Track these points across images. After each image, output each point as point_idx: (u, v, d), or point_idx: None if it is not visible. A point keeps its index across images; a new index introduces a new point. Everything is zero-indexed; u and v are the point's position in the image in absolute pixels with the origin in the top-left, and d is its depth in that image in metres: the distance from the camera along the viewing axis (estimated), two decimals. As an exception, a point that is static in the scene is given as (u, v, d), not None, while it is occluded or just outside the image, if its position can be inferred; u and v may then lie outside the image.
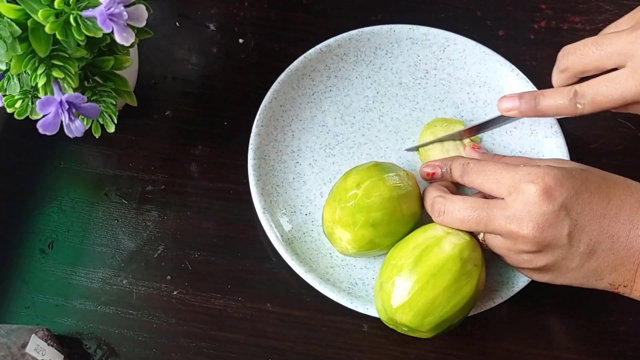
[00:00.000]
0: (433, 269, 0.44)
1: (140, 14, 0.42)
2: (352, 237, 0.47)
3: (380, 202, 0.47)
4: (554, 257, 0.43)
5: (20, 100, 0.45)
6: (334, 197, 0.49)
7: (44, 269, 0.53)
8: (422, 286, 0.43)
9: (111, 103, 0.47)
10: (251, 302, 0.52)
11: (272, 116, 0.55)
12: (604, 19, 0.61)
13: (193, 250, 0.53)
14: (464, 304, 0.44)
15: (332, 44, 0.57)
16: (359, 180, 0.48)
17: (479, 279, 0.45)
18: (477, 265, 0.45)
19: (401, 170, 0.50)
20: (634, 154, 0.57)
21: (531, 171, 0.43)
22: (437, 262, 0.44)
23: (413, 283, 0.44)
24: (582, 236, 0.42)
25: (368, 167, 0.49)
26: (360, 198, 0.47)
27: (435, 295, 0.43)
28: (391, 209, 0.47)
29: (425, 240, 0.45)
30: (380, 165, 0.49)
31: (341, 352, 0.51)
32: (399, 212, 0.48)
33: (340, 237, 0.48)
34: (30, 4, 0.40)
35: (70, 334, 0.51)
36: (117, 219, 0.55)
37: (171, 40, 0.61)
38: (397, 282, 0.44)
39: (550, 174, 0.42)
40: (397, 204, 0.48)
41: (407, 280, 0.44)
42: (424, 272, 0.44)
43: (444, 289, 0.43)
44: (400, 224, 0.48)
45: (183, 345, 0.51)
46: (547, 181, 0.42)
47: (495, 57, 0.57)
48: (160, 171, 0.56)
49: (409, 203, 0.48)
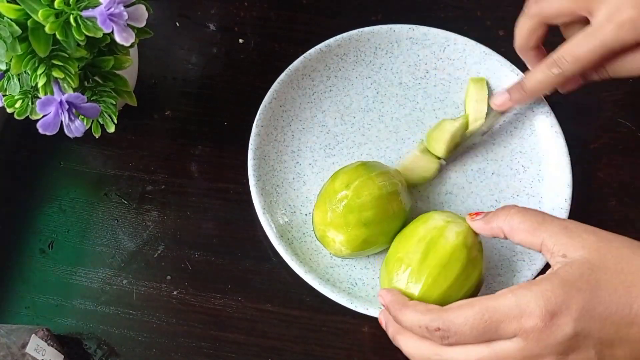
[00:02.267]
0: (442, 260, 0.44)
1: (140, 14, 0.42)
2: (346, 238, 0.47)
3: (371, 200, 0.47)
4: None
5: (20, 100, 0.45)
6: (324, 200, 0.49)
7: (44, 269, 0.53)
8: (435, 279, 0.43)
9: (111, 103, 0.47)
10: (251, 302, 0.52)
11: (272, 116, 0.55)
12: (604, 19, 0.61)
13: (193, 250, 0.53)
14: (472, 291, 0.45)
15: (332, 44, 0.57)
16: (348, 181, 0.48)
17: (482, 264, 0.45)
18: (480, 250, 0.45)
19: (388, 167, 0.50)
20: (634, 154, 0.57)
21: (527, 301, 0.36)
22: (445, 254, 0.44)
23: (425, 277, 0.44)
24: (614, 351, 0.36)
25: (355, 167, 0.49)
26: (350, 198, 0.47)
27: (447, 286, 0.43)
28: (382, 207, 0.47)
29: (428, 232, 0.45)
30: (367, 164, 0.50)
31: (341, 352, 0.51)
32: (390, 209, 0.48)
33: (334, 239, 0.48)
34: (30, 4, 0.40)
35: (70, 334, 0.51)
36: (117, 219, 0.55)
37: (171, 40, 0.61)
38: (409, 277, 0.44)
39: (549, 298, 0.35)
40: (387, 202, 0.48)
41: (418, 275, 0.44)
42: (434, 264, 0.44)
43: (455, 278, 0.44)
44: (392, 221, 0.48)
45: (183, 345, 0.51)
46: (550, 308, 0.35)
47: (495, 57, 0.57)
48: (160, 171, 0.56)
49: (399, 199, 0.49)
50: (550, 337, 0.35)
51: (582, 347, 0.36)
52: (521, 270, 0.51)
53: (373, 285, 0.51)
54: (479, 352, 0.37)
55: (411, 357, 0.41)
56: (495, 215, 0.43)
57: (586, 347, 0.36)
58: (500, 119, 0.56)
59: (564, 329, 0.35)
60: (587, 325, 0.35)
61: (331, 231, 0.48)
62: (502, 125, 0.56)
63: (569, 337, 0.35)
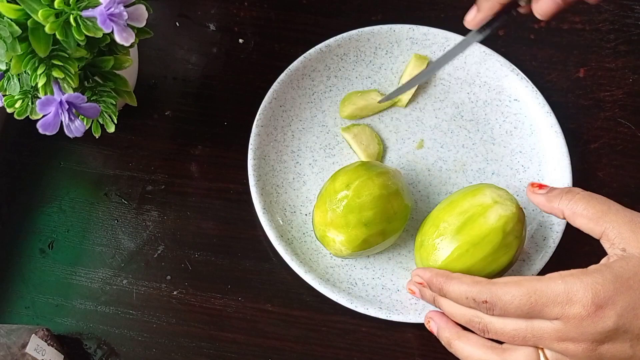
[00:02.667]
0: (475, 238, 0.44)
1: (140, 14, 0.42)
2: (346, 238, 0.47)
3: (372, 200, 0.47)
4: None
5: (20, 100, 0.45)
6: (324, 200, 0.49)
7: (44, 269, 0.53)
8: (462, 254, 0.44)
9: (111, 103, 0.47)
10: (251, 302, 0.52)
11: (272, 116, 0.55)
12: (604, 19, 0.61)
13: (193, 250, 0.53)
14: (498, 272, 0.45)
15: (332, 44, 0.57)
16: (348, 181, 0.48)
17: (517, 250, 0.46)
18: (518, 237, 0.46)
19: (388, 167, 0.50)
20: (634, 154, 0.57)
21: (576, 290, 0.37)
22: (479, 233, 0.44)
23: (454, 249, 0.45)
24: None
25: (355, 167, 0.49)
26: (351, 198, 0.47)
27: (472, 263, 0.44)
28: (382, 207, 0.47)
29: (472, 207, 0.46)
30: (367, 164, 0.50)
31: (341, 352, 0.51)
32: (390, 209, 0.48)
33: (334, 240, 0.48)
34: (30, 4, 0.40)
35: (70, 334, 0.51)
36: (117, 219, 0.55)
37: (171, 40, 0.61)
38: (439, 245, 0.45)
39: (599, 292, 0.36)
40: (388, 202, 0.48)
41: (448, 245, 0.45)
42: (466, 240, 0.44)
43: (481, 259, 0.44)
44: (392, 221, 0.48)
45: (183, 345, 0.51)
46: (597, 302, 0.36)
47: (495, 57, 0.57)
48: (160, 171, 0.56)
49: (399, 199, 0.49)
50: (590, 326, 0.36)
51: (618, 340, 0.37)
52: (520, 272, 0.51)
53: (373, 286, 0.51)
54: (517, 325, 0.39)
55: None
56: (558, 196, 0.43)
57: (622, 341, 0.37)
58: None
59: (606, 321, 0.36)
60: (629, 321, 0.36)
61: (331, 231, 0.48)
62: (502, 126, 0.56)
63: (609, 329, 0.36)
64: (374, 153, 0.55)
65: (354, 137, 0.55)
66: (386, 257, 0.52)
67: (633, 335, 0.37)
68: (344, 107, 0.56)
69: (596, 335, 0.37)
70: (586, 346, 0.37)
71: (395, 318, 0.49)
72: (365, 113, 0.56)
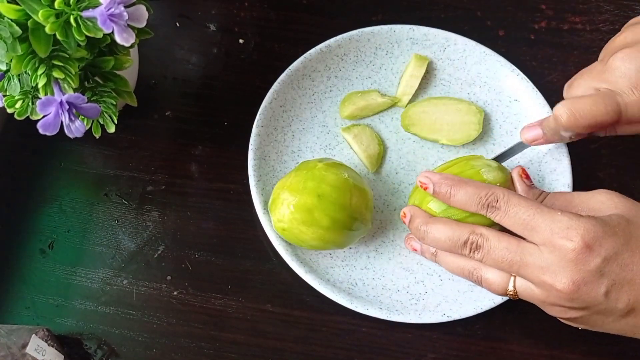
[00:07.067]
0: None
1: (140, 14, 0.42)
2: (297, 201, 0.47)
3: (336, 179, 0.48)
4: (590, 312, 0.41)
5: (21, 100, 0.45)
6: (295, 169, 0.50)
7: (44, 269, 0.53)
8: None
9: (111, 103, 0.47)
10: (251, 302, 0.52)
11: (272, 116, 0.55)
12: (604, 19, 0.61)
13: (193, 250, 0.53)
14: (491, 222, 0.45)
15: (332, 44, 0.57)
16: (325, 160, 0.50)
17: None
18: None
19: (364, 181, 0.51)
20: (634, 154, 0.57)
21: (570, 225, 0.40)
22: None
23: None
24: (620, 295, 0.40)
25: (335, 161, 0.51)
26: (318, 169, 0.48)
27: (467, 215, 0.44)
28: (342, 190, 0.48)
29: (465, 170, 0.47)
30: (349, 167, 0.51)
31: (341, 352, 0.51)
32: (348, 199, 0.48)
33: (283, 202, 0.48)
34: (30, 4, 0.40)
35: (71, 334, 0.51)
36: (117, 219, 0.55)
37: (171, 40, 0.61)
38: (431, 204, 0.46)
39: (590, 231, 0.39)
40: (349, 191, 0.48)
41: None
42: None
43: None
44: (343, 211, 0.47)
45: (183, 346, 0.51)
46: (587, 240, 0.39)
47: (495, 57, 0.57)
48: (161, 171, 0.56)
49: (360, 198, 0.48)
50: (571, 261, 0.39)
51: (595, 282, 0.39)
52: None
53: (373, 286, 0.51)
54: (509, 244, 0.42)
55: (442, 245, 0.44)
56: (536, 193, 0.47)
57: (599, 283, 0.39)
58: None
59: (589, 262, 0.39)
60: (609, 266, 0.39)
61: (285, 193, 0.48)
62: (502, 126, 0.56)
63: (589, 270, 0.39)
64: (374, 153, 0.55)
65: (355, 137, 0.55)
66: (386, 258, 0.53)
67: (609, 281, 0.39)
68: (344, 108, 0.56)
69: (575, 272, 0.39)
70: (565, 281, 0.39)
71: (395, 318, 0.49)
72: (366, 113, 0.56)
